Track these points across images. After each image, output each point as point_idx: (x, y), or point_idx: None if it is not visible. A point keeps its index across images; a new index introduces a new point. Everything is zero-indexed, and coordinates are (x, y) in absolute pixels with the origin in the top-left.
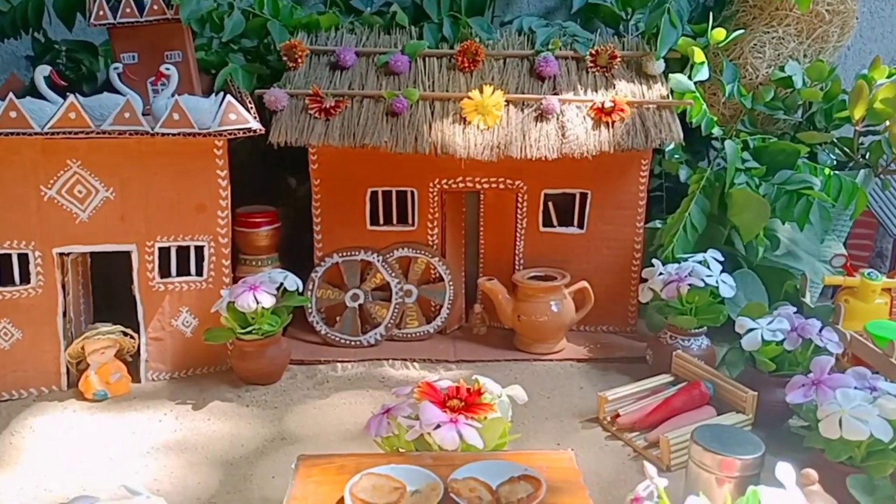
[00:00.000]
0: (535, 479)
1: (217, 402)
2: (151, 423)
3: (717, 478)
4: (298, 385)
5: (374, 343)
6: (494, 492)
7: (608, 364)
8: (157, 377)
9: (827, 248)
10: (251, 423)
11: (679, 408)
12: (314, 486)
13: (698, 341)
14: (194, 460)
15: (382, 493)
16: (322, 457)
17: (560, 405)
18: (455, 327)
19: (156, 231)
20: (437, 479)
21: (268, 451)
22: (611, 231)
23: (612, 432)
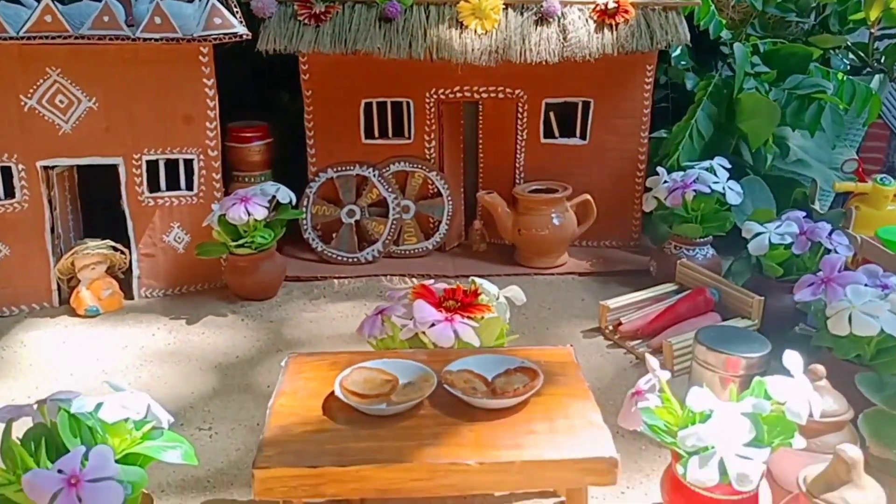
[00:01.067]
0: (532, 371)
1: (211, 316)
2: (144, 336)
3: (721, 377)
4: (294, 300)
5: (372, 260)
6: (490, 383)
7: (610, 277)
8: (150, 294)
9: (838, 155)
10: (246, 335)
11: (683, 314)
12: (304, 381)
13: (703, 251)
14: (187, 371)
15: (374, 386)
16: (313, 354)
17: (561, 316)
18: (454, 244)
19: (142, 143)
20: (430, 372)
21: (262, 360)
22: (614, 141)
23: (613, 341)
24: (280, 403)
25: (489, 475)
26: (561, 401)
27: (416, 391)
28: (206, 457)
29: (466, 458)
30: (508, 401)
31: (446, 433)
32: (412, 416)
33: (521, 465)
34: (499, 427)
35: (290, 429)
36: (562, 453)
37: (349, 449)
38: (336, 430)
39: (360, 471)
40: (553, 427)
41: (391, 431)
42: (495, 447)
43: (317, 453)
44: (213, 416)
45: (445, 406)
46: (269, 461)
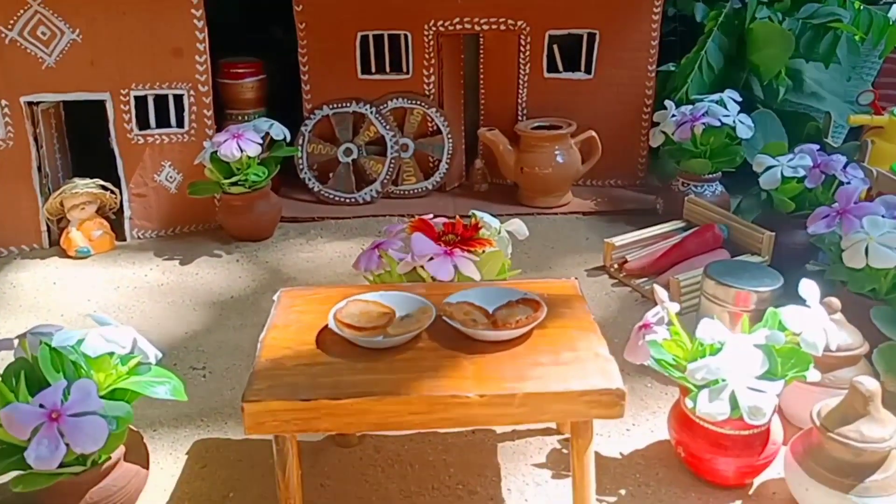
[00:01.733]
0: (536, 303)
1: (206, 257)
2: (137, 277)
3: (730, 312)
4: (291, 241)
5: (370, 200)
6: (491, 315)
7: (616, 216)
8: (142, 235)
9: (853, 88)
10: (241, 275)
11: (691, 251)
12: (297, 315)
13: (712, 187)
14: (181, 310)
15: (370, 319)
16: (306, 288)
17: (564, 255)
18: (455, 184)
19: (130, 78)
20: (428, 304)
21: (258, 300)
22: (620, 76)
23: (618, 279)
24: (272, 337)
25: (490, 408)
26: (566, 333)
27: (413, 323)
28: (199, 396)
29: (467, 391)
30: (510, 332)
31: (446, 366)
32: (410, 349)
33: (523, 398)
34: (501, 360)
35: (282, 362)
36: (567, 385)
37: (344, 382)
38: (330, 363)
39: (356, 404)
40: (558, 359)
41: (388, 364)
42: (497, 380)
43: (310, 386)
44: (208, 356)
45: (445, 339)
46: (259, 394)
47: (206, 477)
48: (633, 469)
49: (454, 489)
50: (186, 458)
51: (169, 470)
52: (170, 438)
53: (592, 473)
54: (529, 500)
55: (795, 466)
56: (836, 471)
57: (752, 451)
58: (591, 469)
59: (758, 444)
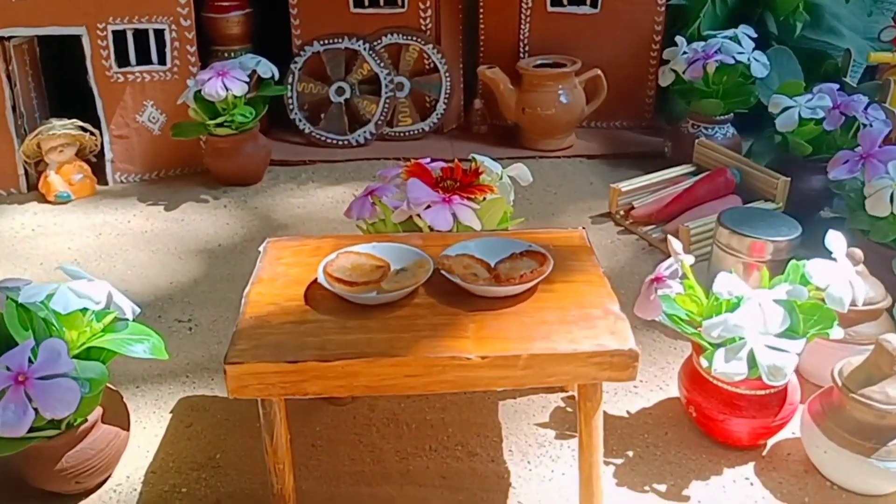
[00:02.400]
0: (541, 255)
1: (192, 202)
2: (119, 223)
3: (744, 263)
4: (281, 185)
5: (364, 142)
6: (493, 269)
7: (621, 159)
8: (125, 179)
9: (875, 24)
10: (229, 222)
11: (701, 197)
12: (284, 268)
13: (723, 130)
14: (166, 259)
15: (362, 273)
16: (294, 238)
17: (568, 201)
18: (453, 125)
19: (107, 11)
20: (425, 257)
21: (246, 249)
22: (628, 10)
23: (625, 226)
24: (257, 292)
25: (492, 370)
26: (574, 288)
27: (409, 278)
28: (185, 351)
29: (467, 352)
30: (514, 288)
31: (444, 324)
32: (405, 306)
33: (528, 359)
34: (503, 318)
35: (268, 319)
36: (575, 346)
37: (334, 342)
38: (319, 321)
39: (347, 366)
40: (565, 317)
41: (382, 322)
42: (500, 339)
43: (297, 346)
44: (193, 307)
45: (443, 294)
46: (242, 355)
47: (192, 437)
48: (640, 429)
49: (453, 450)
50: (171, 417)
51: (152, 429)
52: (153, 396)
53: (601, 437)
54: (532, 461)
55: (813, 427)
56: (857, 433)
57: (767, 412)
58: (599, 433)
59: (774, 405)
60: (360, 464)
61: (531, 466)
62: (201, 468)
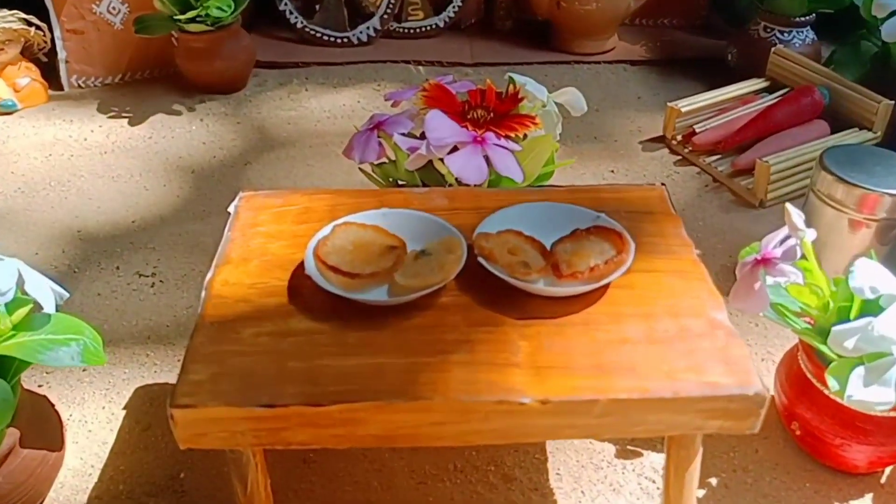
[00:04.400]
0: (615, 234)
1: (161, 114)
2: (74, 141)
3: (850, 220)
4: (268, 93)
5: (366, 41)
6: (549, 252)
7: (673, 67)
8: (82, 83)
9: None
10: (206, 141)
11: (781, 122)
12: (261, 241)
13: (801, 35)
14: (128, 190)
15: (367, 257)
16: (276, 194)
17: (612, 121)
18: (471, 21)
19: None
20: (456, 235)
21: (227, 177)
22: None
23: (683, 155)
24: (222, 280)
25: (556, 418)
26: (660, 282)
27: (434, 269)
28: (146, 318)
29: (520, 392)
30: (581, 286)
31: (484, 341)
32: (429, 309)
33: (608, 405)
34: (567, 331)
35: (235, 328)
36: (675, 385)
37: (329, 370)
38: (309, 332)
39: (347, 412)
40: (653, 333)
41: (396, 336)
42: (564, 369)
43: (276, 377)
44: (159, 257)
45: (480, 290)
46: (197, 394)
47: (150, 446)
48: (723, 444)
49: (484, 472)
50: (123, 416)
51: (99, 434)
52: (102, 384)
53: (693, 494)
54: (587, 490)
55: None
56: None
57: None
58: (692, 489)
59: None
60: (366, 489)
61: (586, 498)
62: (160, 493)
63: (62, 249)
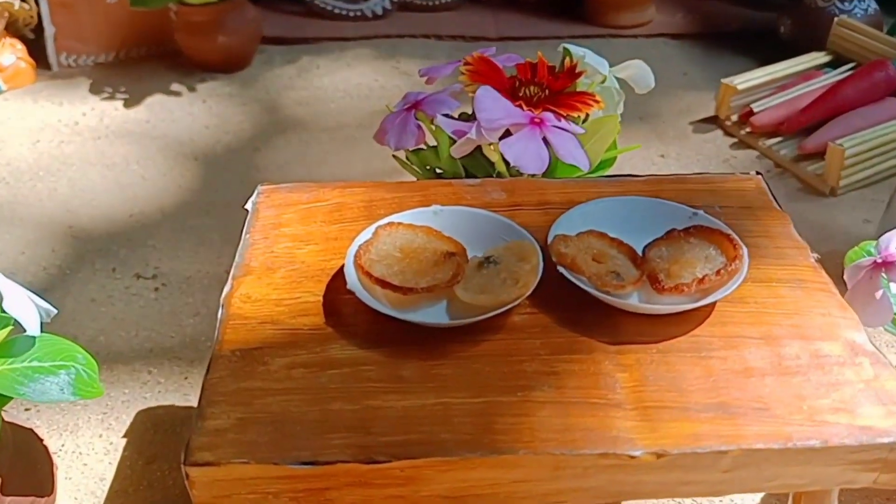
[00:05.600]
0: (723, 236)
1: (160, 95)
2: (64, 125)
3: None
4: (276, 72)
5: (381, 14)
6: (643, 260)
7: (719, 41)
8: (73, 62)
9: None
10: (208, 124)
11: (851, 100)
12: (287, 245)
13: (863, 5)
14: (124, 180)
15: (420, 266)
16: (303, 188)
17: (657, 100)
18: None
19: None
20: (527, 238)
21: (231, 163)
22: None
23: (740, 138)
24: (242, 296)
25: (671, 473)
26: (780, 297)
27: (505, 281)
28: (147, 328)
29: (627, 442)
30: (688, 302)
31: (573, 373)
32: (499, 332)
33: (739, 458)
34: (674, 359)
35: (261, 360)
36: (823, 432)
37: (383, 413)
38: (353, 363)
39: (411, 468)
40: (781, 359)
41: (463, 368)
42: (676, 409)
43: (317, 426)
44: (160, 255)
45: (561, 309)
46: (217, 447)
47: (155, 482)
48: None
49: None
50: (124, 446)
51: (96, 468)
52: (99, 407)
53: None
54: None
55: None
56: None
57: None
58: None
59: None
60: None
61: None
62: None
63: (51, 248)
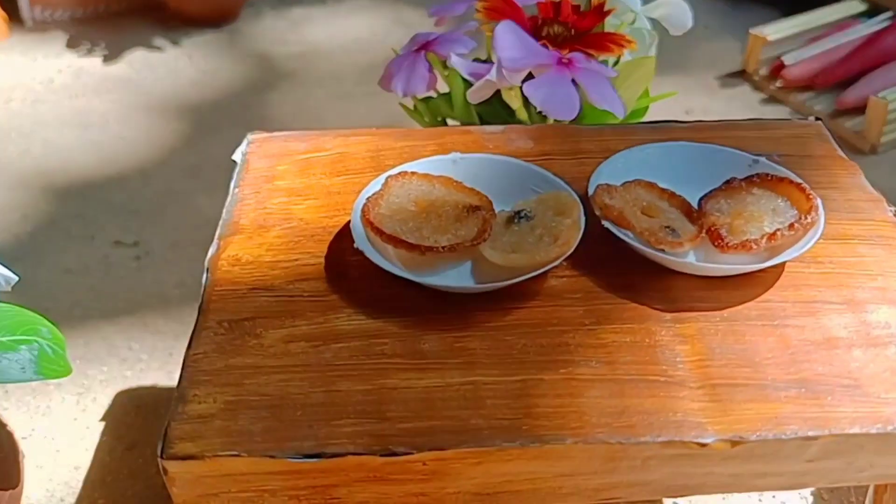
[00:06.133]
0: (791, 185)
1: (141, 50)
2: (38, 83)
3: None
4: (266, 23)
5: None
6: (700, 213)
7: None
8: (48, 16)
9: None
10: (195, 81)
11: (890, 51)
12: (282, 203)
13: None
14: (103, 140)
15: (440, 221)
16: (299, 136)
17: (681, 52)
18: None
19: None
20: (564, 188)
21: (218, 124)
22: None
23: (770, 92)
24: (230, 259)
25: (747, 465)
26: (860, 257)
27: (542, 238)
28: (126, 298)
29: (695, 426)
30: (756, 262)
31: (624, 346)
32: (535, 299)
33: (828, 445)
34: (743, 329)
35: (253, 332)
36: None
37: (400, 395)
38: (364, 335)
39: (437, 461)
40: (869, 330)
41: (493, 341)
42: (753, 387)
43: (322, 409)
44: (142, 221)
45: (607, 271)
46: (201, 436)
47: (137, 471)
48: None
49: None
50: (102, 430)
51: (71, 455)
52: (74, 387)
53: None
54: None
55: None
56: None
57: None
58: None
59: None
60: None
61: None
62: None
63: (23, 213)
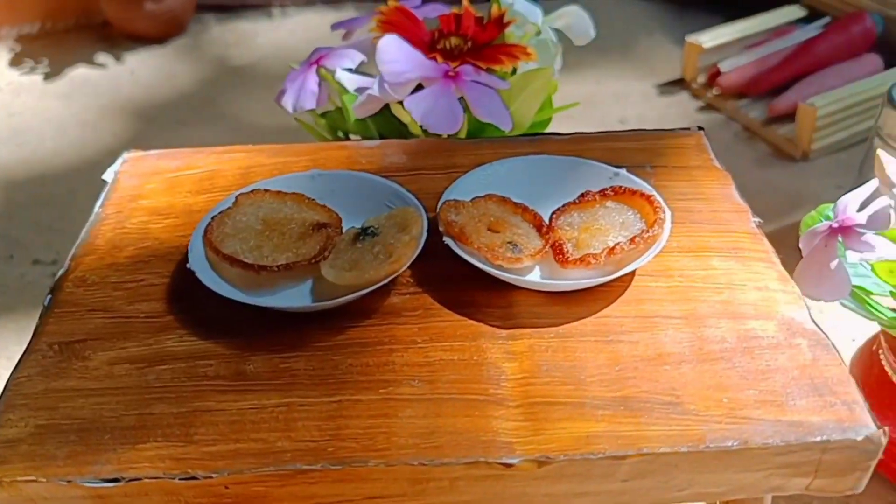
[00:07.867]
0: (642, 197)
1: (83, 68)
2: None
3: None
4: (212, 40)
5: None
6: (550, 228)
7: None
8: None
9: None
10: (134, 101)
11: (825, 57)
12: (141, 222)
13: None
14: (35, 156)
15: (282, 239)
16: (174, 154)
17: (620, 62)
18: None
19: None
20: (413, 203)
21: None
22: None
23: (707, 100)
24: (76, 280)
25: (558, 485)
26: (711, 269)
27: (378, 256)
28: None
29: (503, 446)
30: (596, 276)
31: (451, 364)
32: (371, 318)
33: (639, 465)
34: (575, 346)
35: (81, 355)
36: (743, 430)
37: (211, 417)
38: (189, 357)
39: (237, 484)
40: (704, 345)
41: (318, 361)
42: (571, 405)
43: (131, 433)
44: (65, 240)
45: (447, 288)
46: (6, 461)
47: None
48: None
49: None
50: None
51: None
52: None
53: None
54: None
55: None
56: None
57: None
58: None
59: None
60: None
61: None
62: None
63: None
